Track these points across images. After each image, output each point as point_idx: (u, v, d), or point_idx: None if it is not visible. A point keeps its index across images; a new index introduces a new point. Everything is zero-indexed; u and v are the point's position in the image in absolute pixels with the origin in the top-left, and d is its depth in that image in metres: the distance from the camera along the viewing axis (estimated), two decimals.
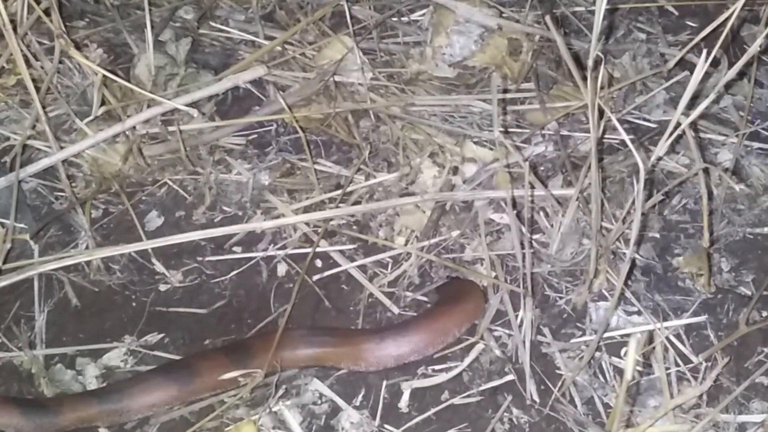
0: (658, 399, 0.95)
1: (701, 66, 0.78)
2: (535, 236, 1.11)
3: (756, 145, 1.25)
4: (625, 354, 0.98)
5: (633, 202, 1.00)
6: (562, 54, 0.84)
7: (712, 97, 0.82)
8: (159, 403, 0.95)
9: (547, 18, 0.86)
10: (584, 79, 0.84)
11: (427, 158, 1.20)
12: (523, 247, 0.97)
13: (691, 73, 1.32)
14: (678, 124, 0.81)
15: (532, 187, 1.01)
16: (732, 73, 0.79)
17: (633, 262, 1.08)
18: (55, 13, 1.12)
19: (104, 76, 1.12)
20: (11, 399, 0.95)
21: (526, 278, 0.98)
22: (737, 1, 0.83)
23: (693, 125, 0.80)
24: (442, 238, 1.11)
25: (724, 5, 1.49)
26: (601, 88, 0.81)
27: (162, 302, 1.08)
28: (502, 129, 1.23)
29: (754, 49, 0.78)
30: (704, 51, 0.78)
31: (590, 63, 0.79)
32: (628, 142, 0.79)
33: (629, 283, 1.06)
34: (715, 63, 0.79)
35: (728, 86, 1.30)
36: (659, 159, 0.84)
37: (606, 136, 1.23)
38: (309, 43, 1.39)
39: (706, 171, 0.90)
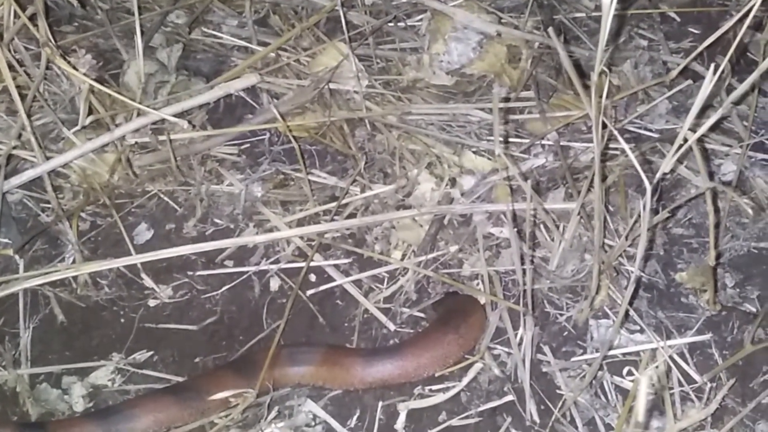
0: (662, 420, 0.92)
1: (709, 80, 0.75)
2: (535, 251, 1.08)
3: (760, 156, 1.21)
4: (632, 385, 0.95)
5: (637, 220, 0.98)
6: (564, 66, 0.81)
7: (720, 111, 0.79)
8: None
9: (550, 30, 0.83)
10: (586, 88, 0.81)
11: (425, 169, 1.17)
12: (523, 263, 0.95)
13: (694, 81, 1.31)
14: (685, 140, 0.78)
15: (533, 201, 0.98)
16: (743, 87, 0.76)
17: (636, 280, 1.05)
18: (42, 20, 1.09)
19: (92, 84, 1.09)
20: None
21: (526, 295, 0.95)
22: (739, 7, 0.80)
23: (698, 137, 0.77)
24: (440, 253, 1.08)
25: (727, 12, 1.46)
26: (602, 96, 0.78)
27: (151, 318, 1.05)
28: (501, 140, 1.20)
29: (766, 64, 0.75)
30: (712, 65, 0.75)
31: (595, 78, 0.76)
32: (638, 166, 0.77)
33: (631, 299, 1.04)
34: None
35: (730, 93, 1.27)
36: (665, 174, 0.81)
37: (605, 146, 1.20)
38: (303, 49, 1.35)
39: (713, 190, 0.87)
